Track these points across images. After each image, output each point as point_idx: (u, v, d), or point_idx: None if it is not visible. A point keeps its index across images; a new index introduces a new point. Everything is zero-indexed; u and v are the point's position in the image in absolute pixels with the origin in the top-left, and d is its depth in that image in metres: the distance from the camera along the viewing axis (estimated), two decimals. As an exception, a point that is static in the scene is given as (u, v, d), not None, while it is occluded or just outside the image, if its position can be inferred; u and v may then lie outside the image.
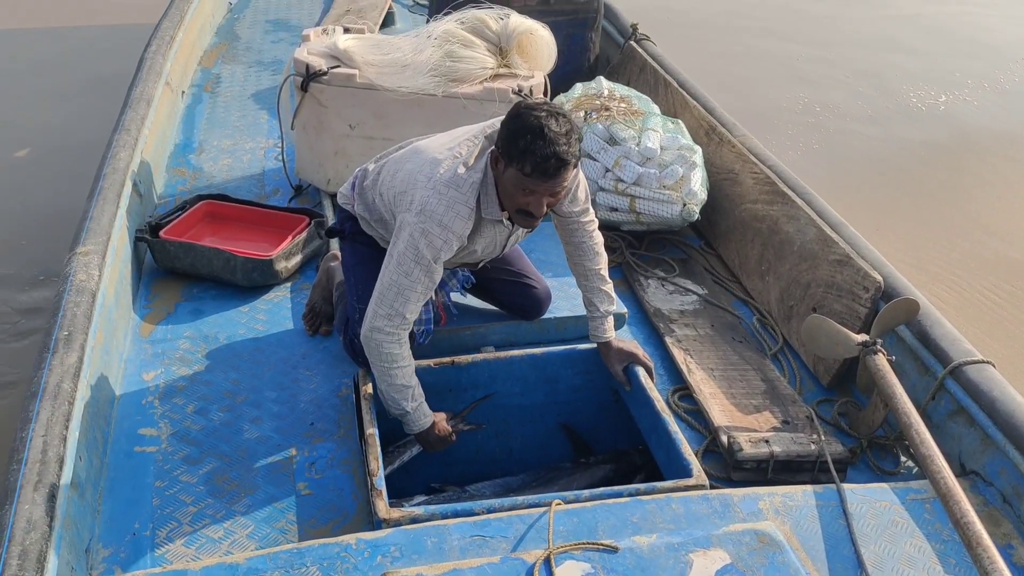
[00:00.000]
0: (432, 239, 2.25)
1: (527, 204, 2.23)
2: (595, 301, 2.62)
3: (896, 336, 2.66)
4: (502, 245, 2.54)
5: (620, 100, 3.72)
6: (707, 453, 2.50)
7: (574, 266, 2.66)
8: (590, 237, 2.62)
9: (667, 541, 1.83)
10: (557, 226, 2.66)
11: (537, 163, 2.13)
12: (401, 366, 2.33)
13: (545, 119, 2.12)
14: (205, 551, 2.08)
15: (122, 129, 3.55)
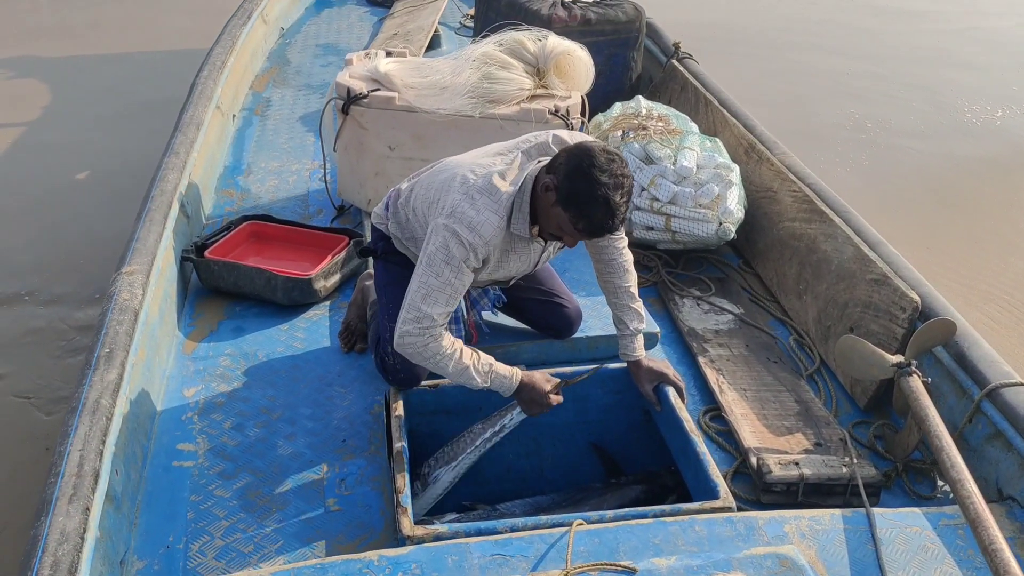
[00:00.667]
0: (462, 240, 2.27)
1: (562, 237, 2.30)
2: (625, 319, 2.63)
3: (933, 357, 2.61)
4: (535, 262, 2.57)
5: (658, 119, 3.72)
6: (737, 475, 2.48)
7: (604, 284, 2.67)
8: (620, 255, 2.63)
9: (686, 563, 1.82)
10: (587, 244, 2.67)
11: (589, 227, 2.20)
12: (447, 355, 2.34)
13: (611, 191, 2.15)
14: (235, 565, 2.13)
15: (171, 152, 3.67)
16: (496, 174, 2.34)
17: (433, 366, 2.36)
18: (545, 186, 2.26)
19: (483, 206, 2.29)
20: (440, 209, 2.35)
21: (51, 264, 4.86)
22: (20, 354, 4.09)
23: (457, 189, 2.34)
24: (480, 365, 2.38)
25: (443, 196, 2.37)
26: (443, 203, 2.35)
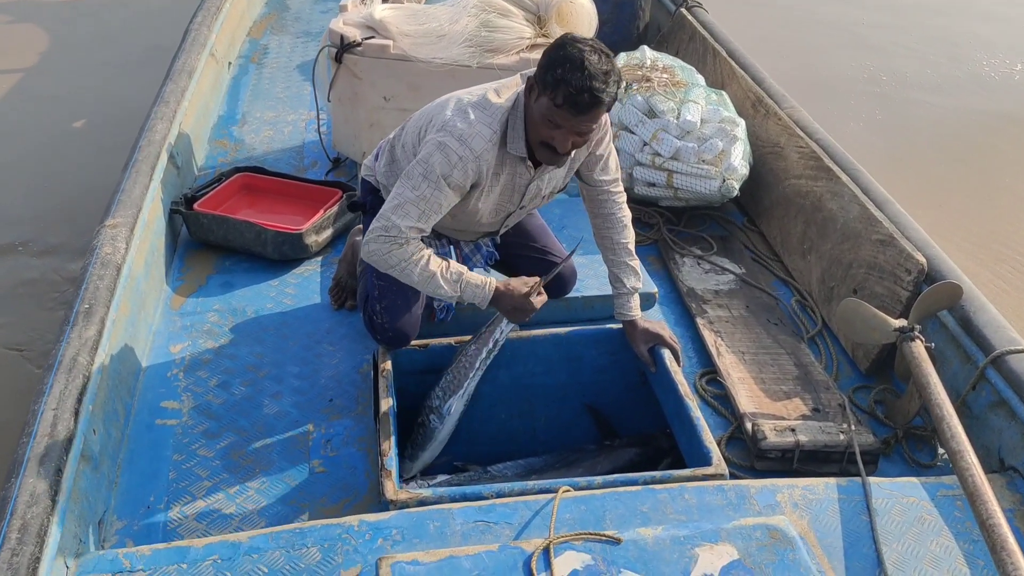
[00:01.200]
0: (448, 153, 2.17)
1: (552, 138, 2.15)
2: (621, 277, 2.54)
3: (938, 321, 2.53)
4: (520, 193, 2.42)
5: (662, 70, 3.60)
6: (732, 440, 2.42)
7: (601, 240, 2.59)
8: (620, 209, 2.54)
9: (673, 534, 1.77)
10: (585, 198, 2.58)
11: (570, 95, 2.05)
12: (413, 261, 2.22)
13: (588, 53, 2.03)
14: (216, 526, 2.10)
15: (161, 101, 3.58)
16: (491, 90, 2.25)
17: (399, 273, 2.24)
18: (529, 87, 2.17)
19: (476, 119, 2.20)
20: (431, 128, 2.25)
21: (46, 215, 4.79)
22: (13, 305, 4.04)
23: (451, 107, 2.24)
24: (449, 274, 2.26)
25: (436, 116, 2.27)
26: (435, 123, 2.25)
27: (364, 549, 1.82)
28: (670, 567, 1.69)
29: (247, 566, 1.78)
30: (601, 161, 2.48)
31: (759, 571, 1.69)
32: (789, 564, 1.71)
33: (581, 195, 2.61)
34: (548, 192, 2.47)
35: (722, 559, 1.71)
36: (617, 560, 1.71)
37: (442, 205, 2.24)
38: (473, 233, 2.55)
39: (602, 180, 2.50)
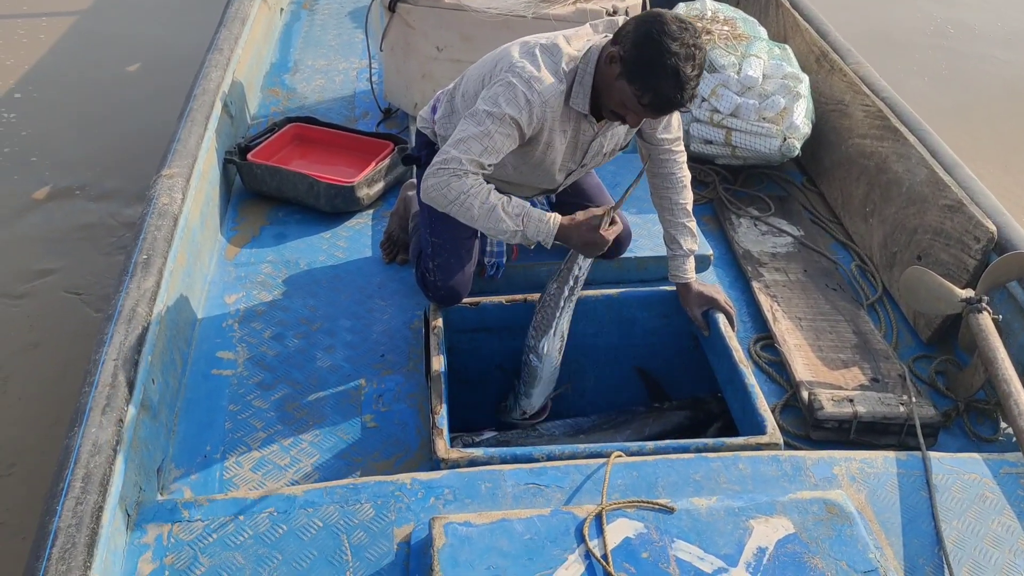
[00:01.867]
0: (516, 93, 2.11)
1: (625, 115, 2.12)
2: (678, 238, 2.49)
3: (1007, 293, 2.44)
4: (583, 150, 2.36)
5: (723, 23, 3.49)
6: (786, 408, 2.38)
7: (659, 200, 2.53)
8: (680, 169, 2.49)
9: (727, 505, 1.75)
10: (644, 157, 2.52)
11: (656, 100, 2.02)
12: (472, 194, 2.12)
13: (683, 62, 1.96)
14: (271, 477, 2.13)
15: (215, 48, 3.57)
16: (562, 37, 2.19)
17: (459, 209, 2.15)
18: (610, 56, 2.08)
19: (544, 64, 2.14)
20: (497, 72, 2.20)
21: (101, 158, 4.85)
22: (71, 249, 4.12)
23: (517, 49, 2.19)
24: (511, 207, 2.16)
25: (502, 60, 2.21)
26: (500, 66, 2.20)
27: (416, 507, 1.84)
28: (724, 538, 1.68)
29: (302, 520, 1.81)
30: (665, 119, 2.42)
31: (815, 546, 1.67)
32: (846, 540, 1.69)
33: (640, 153, 2.55)
34: (610, 150, 2.42)
35: (777, 532, 1.69)
36: (670, 529, 1.70)
37: (504, 145, 2.17)
38: (531, 189, 2.50)
39: (664, 139, 2.44)
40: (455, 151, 2.14)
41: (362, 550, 1.76)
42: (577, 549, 1.66)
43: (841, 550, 1.67)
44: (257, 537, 1.78)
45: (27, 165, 4.82)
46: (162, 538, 1.78)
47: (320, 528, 1.79)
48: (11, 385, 3.34)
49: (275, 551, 1.75)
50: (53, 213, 4.42)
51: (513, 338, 2.61)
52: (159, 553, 1.75)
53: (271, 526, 1.80)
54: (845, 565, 1.64)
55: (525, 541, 1.67)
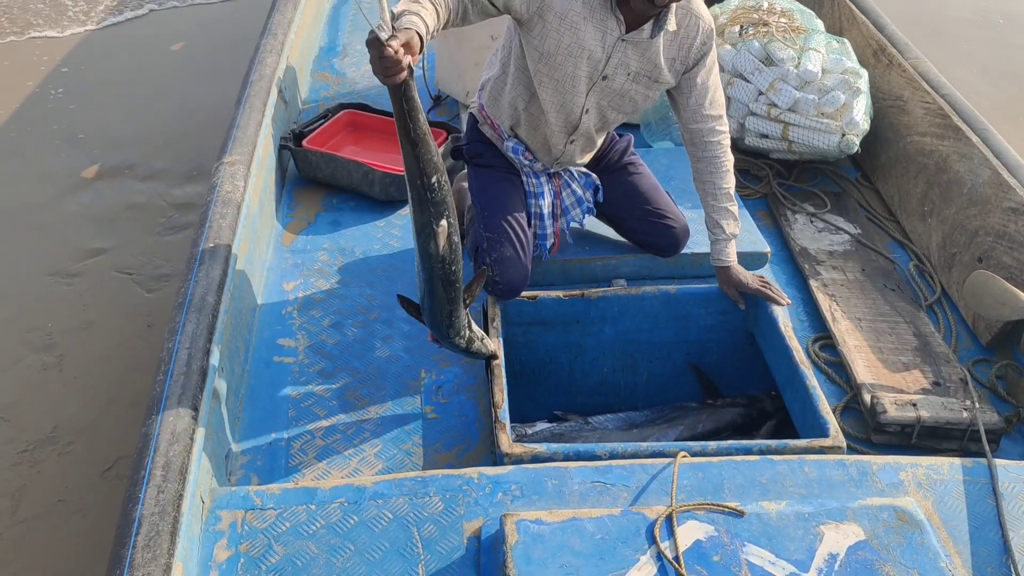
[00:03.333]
0: None
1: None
2: (721, 222, 2.51)
3: (1074, 299, 2.42)
4: (607, 55, 2.34)
5: (780, 14, 3.45)
6: (846, 410, 2.38)
7: (702, 184, 2.54)
8: (724, 152, 2.50)
9: (797, 510, 1.76)
10: (687, 140, 2.52)
11: None
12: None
13: None
14: (335, 466, 2.16)
15: (269, 33, 3.58)
16: None
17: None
18: None
19: None
20: None
21: (149, 138, 4.89)
22: (122, 229, 4.17)
23: None
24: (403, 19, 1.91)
25: None
26: None
27: (485, 502, 1.86)
28: (795, 544, 1.69)
29: (372, 511, 1.84)
30: (700, 84, 2.42)
31: (886, 553, 1.68)
32: (917, 548, 1.69)
33: (683, 138, 2.55)
34: (635, 71, 2.38)
35: (848, 539, 1.70)
36: (741, 533, 1.71)
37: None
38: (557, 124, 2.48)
39: (707, 115, 2.45)
40: None
41: (433, 543, 1.78)
42: (648, 550, 1.67)
43: (912, 558, 1.67)
44: (329, 527, 1.81)
45: (75, 142, 4.87)
46: (236, 525, 1.82)
47: (391, 520, 1.82)
48: (66, 363, 3.40)
49: (347, 541, 1.78)
50: (102, 192, 4.47)
51: (569, 332, 2.63)
52: (234, 540, 1.79)
53: (342, 516, 1.83)
54: (916, 573, 1.65)
55: (596, 541, 1.69)
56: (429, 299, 2.11)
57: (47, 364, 3.39)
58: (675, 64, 2.39)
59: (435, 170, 1.96)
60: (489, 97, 2.61)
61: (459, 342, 2.19)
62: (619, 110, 2.49)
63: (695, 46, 2.37)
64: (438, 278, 2.06)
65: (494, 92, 2.59)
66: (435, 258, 2.03)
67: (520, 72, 2.45)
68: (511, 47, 2.47)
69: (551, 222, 2.67)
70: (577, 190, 2.65)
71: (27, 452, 3.02)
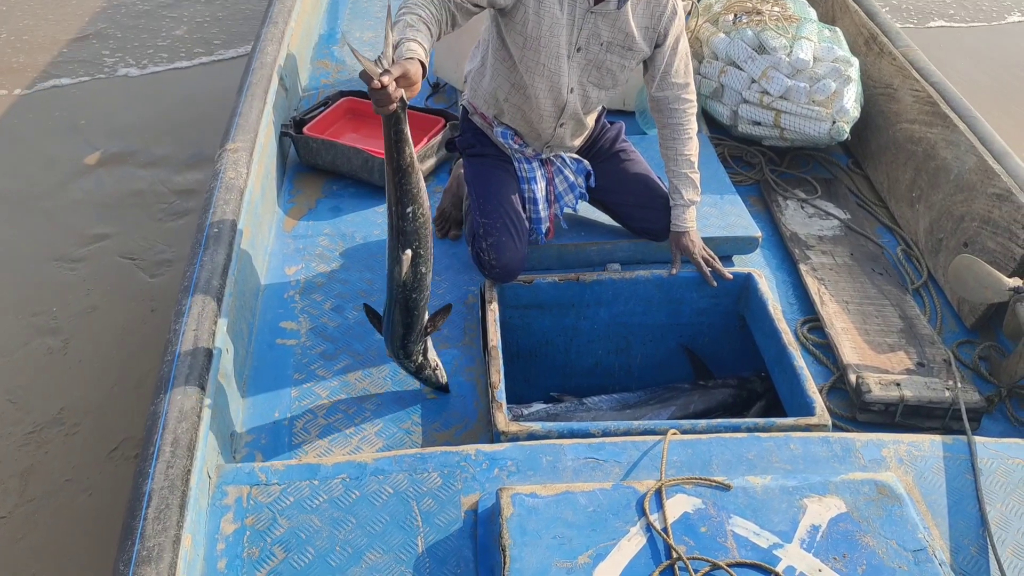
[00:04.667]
0: None
1: None
2: (680, 188, 2.63)
3: (1055, 283, 2.48)
4: (578, 28, 2.40)
5: (774, 3, 3.50)
6: (833, 390, 2.44)
7: (665, 150, 2.66)
8: (688, 120, 2.62)
9: (782, 484, 1.83)
10: (654, 108, 2.64)
11: None
12: (415, 10, 2.07)
13: None
14: (337, 444, 2.23)
15: (270, 21, 3.62)
16: None
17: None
18: None
19: None
20: None
21: (150, 125, 4.95)
22: (124, 215, 4.23)
23: None
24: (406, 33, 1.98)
25: None
26: None
27: (482, 477, 1.93)
28: (779, 516, 1.76)
29: (373, 486, 1.91)
30: (668, 53, 2.52)
31: (866, 525, 1.75)
32: (896, 520, 1.76)
33: (650, 107, 2.64)
34: (608, 40, 2.45)
35: (830, 511, 1.77)
36: (727, 506, 1.78)
37: None
38: (546, 108, 2.55)
39: (673, 83, 2.56)
40: None
41: (431, 516, 1.85)
42: (638, 522, 1.74)
43: (891, 530, 1.75)
44: (332, 501, 1.88)
45: (77, 129, 4.92)
46: (242, 500, 1.89)
47: (391, 494, 1.89)
48: (72, 347, 3.47)
49: (349, 515, 1.85)
50: (104, 178, 4.53)
51: (564, 315, 2.70)
52: (240, 514, 1.86)
53: (344, 491, 1.90)
54: (895, 544, 1.72)
55: (589, 513, 1.76)
56: (387, 318, 2.22)
57: (52, 348, 3.45)
58: (648, 33, 2.48)
59: (412, 201, 2.05)
60: (471, 89, 2.73)
61: (408, 365, 2.30)
62: (599, 85, 2.56)
63: (666, 14, 2.46)
64: (397, 302, 2.16)
65: (474, 84, 2.70)
66: (396, 283, 2.13)
67: (499, 63, 2.52)
68: (489, 39, 2.54)
69: (545, 207, 2.73)
70: (569, 176, 2.72)
71: (34, 433, 3.09)
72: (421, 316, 2.21)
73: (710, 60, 3.42)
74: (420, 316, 2.21)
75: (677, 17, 2.48)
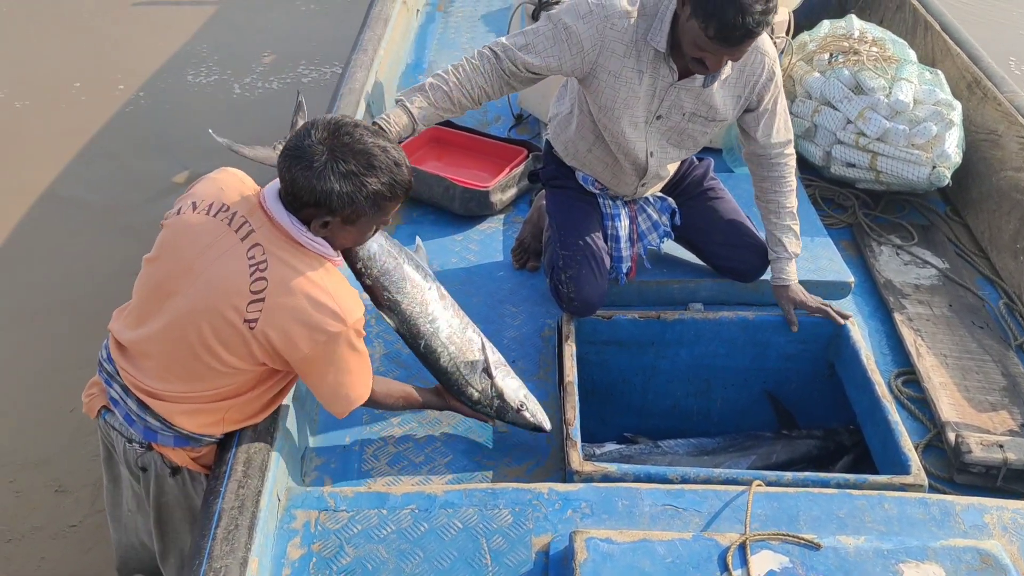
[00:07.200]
0: (579, 4, 2.22)
1: (703, 58, 2.13)
2: (783, 240, 2.51)
3: None
4: (660, 98, 2.34)
5: (872, 43, 3.39)
6: (928, 448, 2.30)
7: (765, 203, 2.55)
8: (789, 172, 2.51)
9: (876, 546, 1.71)
10: (750, 159, 2.54)
11: (721, 29, 2.02)
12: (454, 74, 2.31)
13: None
14: (406, 473, 2.18)
15: (360, 49, 3.67)
16: None
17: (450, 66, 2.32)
18: (681, 1, 2.12)
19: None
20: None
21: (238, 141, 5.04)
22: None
23: None
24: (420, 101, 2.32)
25: None
26: None
27: (554, 518, 1.86)
28: (873, 581, 1.64)
29: (442, 519, 1.85)
30: (766, 116, 2.42)
31: (969, 597, 1.62)
32: (1002, 594, 1.63)
33: (746, 156, 2.54)
34: (691, 112, 2.38)
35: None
36: (816, 566, 1.67)
37: (546, 48, 2.27)
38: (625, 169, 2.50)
39: (773, 143, 2.46)
40: (511, 36, 2.30)
41: (501, 555, 1.78)
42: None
43: (997, 605, 1.61)
44: (400, 532, 1.83)
45: (166, 149, 5.06)
46: (310, 525, 1.85)
47: (460, 529, 1.83)
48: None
49: (417, 548, 1.79)
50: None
51: (643, 354, 2.62)
52: (307, 539, 1.82)
53: (413, 523, 1.85)
54: (1001, 621, 1.59)
55: (667, 564, 1.67)
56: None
57: (132, 360, 3.50)
58: (739, 101, 2.39)
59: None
60: (554, 132, 2.68)
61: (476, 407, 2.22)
62: (680, 147, 2.51)
63: (760, 83, 2.35)
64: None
65: (559, 129, 2.65)
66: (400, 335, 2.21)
67: (584, 115, 2.50)
68: (576, 91, 2.50)
69: (628, 245, 2.66)
70: (653, 214, 2.65)
71: (110, 443, 3.13)
72: (440, 355, 2.15)
73: (803, 99, 3.33)
74: (438, 356, 2.15)
75: (773, 82, 2.37)
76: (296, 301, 1.73)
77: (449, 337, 2.15)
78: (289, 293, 1.73)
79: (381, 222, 1.86)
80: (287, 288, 1.73)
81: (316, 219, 1.76)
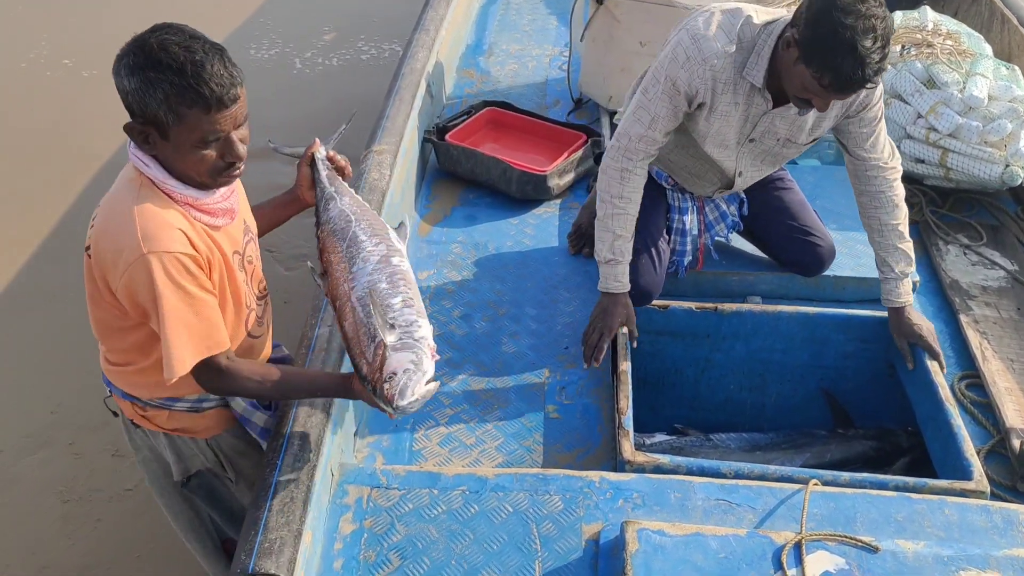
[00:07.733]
0: (678, 53, 2.19)
1: (811, 99, 2.08)
2: (890, 260, 2.40)
3: None
4: (752, 123, 2.30)
5: (946, 36, 3.29)
6: (991, 454, 2.23)
7: (867, 220, 2.43)
8: (890, 187, 2.38)
9: (936, 552, 1.67)
10: (851, 172, 2.43)
11: (837, 79, 1.96)
12: (616, 203, 2.34)
13: (861, 34, 1.90)
14: (457, 454, 2.19)
15: (422, 28, 3.67)
16: (751, 6, 2.19)
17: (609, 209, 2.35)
18: (786, 42, 2.05)
19: (718, 24, 2.17)
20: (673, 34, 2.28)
21: (294, 122, 5.10)
22: (265, 208, 4.35)
23: (703, 12, 2.22)
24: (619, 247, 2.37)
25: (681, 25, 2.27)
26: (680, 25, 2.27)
27: (605, 507, 1.85)
28: (932, 587, 1.61)
29: (493, 502, 1.86)
30: (871, 136, 2.32)
31: (1032, 610, 1.58)
32: (1067, 609, 1.58)
33: (847, 168, 2.46)
34: (785, 137, 2.33)
35: (991, 589, 1.60)
36: (874, 569, 1.64)
37: (665, 111, 2.24)
38: (710, 179, 2.45)
39: (873, 157, 2.35)
40: (627, 125, 2.28)
41: (551, 542, 1.78)
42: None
43: (1062, 619, 1.57)
44: (450, 513, 1.83)
45: (228, 124, 5.12)
46: (362, 501, 1.87)
47: (510, 513, 1.83)
48: (207, 331, 3.57)
49: (467, 529, 1.80)
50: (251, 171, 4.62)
51: (698, 345, 2.59)
52: (359, 515, 1.84)
53: (464, 504, 1.85)
54: (1066, 636, 1.54)
55: (720, 559, 1.65)
56: None
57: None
58: (836, 120, 2.33)
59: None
60: None
61: None
62: (773, 164, 2.49)
63: (858, 99, 2.26)
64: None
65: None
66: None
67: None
68: None
69: (692, 239, 2.63)
70: (721, 204, 2.61)
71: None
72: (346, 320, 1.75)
73: (872, 91, 3.24)
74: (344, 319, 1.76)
75: (879, 103, 2.27)
76: (105, 223, 1.59)
77: (361, 299, 1.72)
78: (103, 215, 1.61)
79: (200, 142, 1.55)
80: (105, 209, 1.61)
81: (135, 130, 1.56)
